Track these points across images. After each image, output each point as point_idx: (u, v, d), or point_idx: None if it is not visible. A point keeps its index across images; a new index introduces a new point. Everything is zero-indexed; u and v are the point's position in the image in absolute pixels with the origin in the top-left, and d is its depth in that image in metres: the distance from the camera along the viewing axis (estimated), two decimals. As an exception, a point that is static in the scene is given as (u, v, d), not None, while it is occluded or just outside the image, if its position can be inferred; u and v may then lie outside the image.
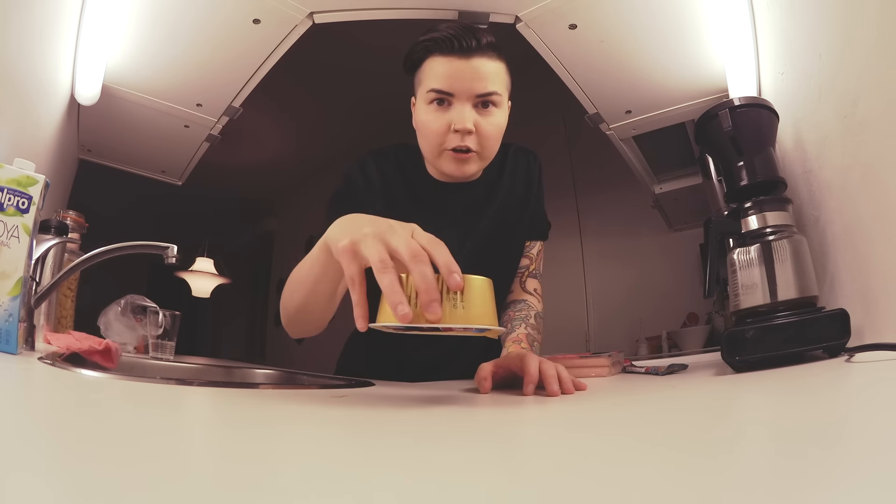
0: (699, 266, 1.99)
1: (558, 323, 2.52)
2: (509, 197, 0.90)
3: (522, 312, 0.87)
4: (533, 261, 0.92)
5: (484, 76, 0.75)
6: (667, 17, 1.10)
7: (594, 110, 1.34)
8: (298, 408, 0.47)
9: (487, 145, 0.79)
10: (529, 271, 0.92)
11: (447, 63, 0.76)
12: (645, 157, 1.56)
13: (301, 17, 1.13)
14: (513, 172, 0.91)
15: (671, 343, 1.83)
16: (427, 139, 0.80)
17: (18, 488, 0.18)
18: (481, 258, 0.84)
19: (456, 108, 0.76)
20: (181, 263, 1.00)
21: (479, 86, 0.75)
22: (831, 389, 0.49)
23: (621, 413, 0.44)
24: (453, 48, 0.75)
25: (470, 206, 0.88)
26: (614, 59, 1.19)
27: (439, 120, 0.77)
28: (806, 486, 0.19)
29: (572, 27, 1.13)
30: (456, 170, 0.79)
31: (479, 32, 0.76)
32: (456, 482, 0.22)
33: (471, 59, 0.75)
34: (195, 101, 1.30)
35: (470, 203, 0.88)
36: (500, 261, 0.90)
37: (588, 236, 2.50)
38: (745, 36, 1.03)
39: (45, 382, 0.50)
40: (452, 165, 0.79)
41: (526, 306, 0.89)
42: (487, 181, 0.89)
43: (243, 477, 0.22)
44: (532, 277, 0.92)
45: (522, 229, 0.92)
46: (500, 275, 0.87)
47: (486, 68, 0.76)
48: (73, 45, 1.09)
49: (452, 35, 0.75)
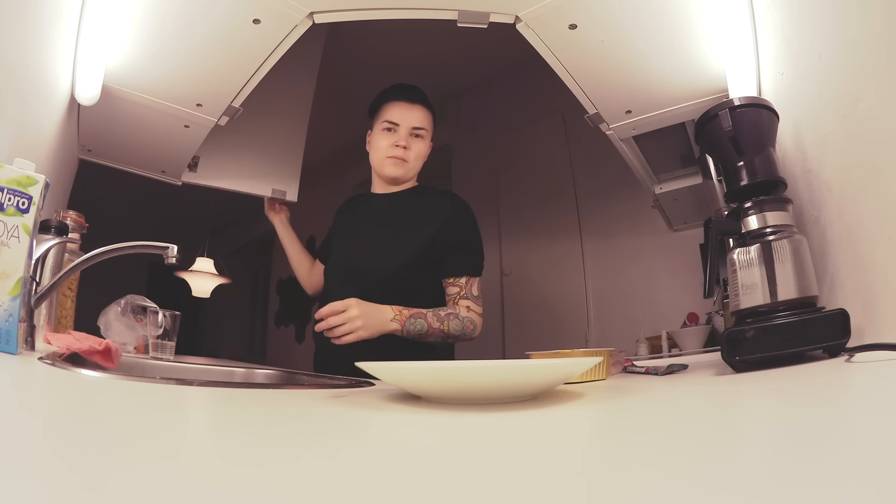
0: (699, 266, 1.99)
1: (558, 323, 2.53)
2: (413, 215, 1.19)
3: (442, 309, 1.13)
4: (462, 288, 1.15)
5: (418, 118, 1.20)
6: (667, 18, 1.10)
7: (594, 110, 1.34)
8: (298, 408, 0.47)
9: (413, 159, 1.21)
10: (460, 295, 1.15)
11: (398, 106, 1.20)
12: (645, 157, 1.56)
13: (301, 17, 1.13)
14: (428, 204, 1.21)
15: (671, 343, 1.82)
16: (378, 152, 1.22)
17: (18, 488, 0.18)
18: (377, 246, 1.17)
19: (398, 132, 1.20)
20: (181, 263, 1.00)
21: (415, 122, 1.20)
22: (831, 389, 0.49)
23: (621, 413, 0.44)
24: (403, 97, 1.21)
25: (382, 209, 1.22)
26: (614, 59, 1.19)
27: (388, 139, 1.20)
28: (806, 486, 0.19)
29: (572, 27, 1.13)
30: (394, 171, 1.20)
31: (419, 91, 1.23)
32: (456, 482, 0.22)
33: (412, 106, 1.20)
34: (195, 101, 1.30)
35: (384, 207, 1.23)
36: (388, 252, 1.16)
37: (588, 236, 2.50)
38: (745, 36, 1.03)
39: (45, 382, 0.50)
40: (392, 168, 1.20)
41: (450, 309, 1.14)
42: (405, 200, 1.23)
43: (243, 477, 0.22)
44: (464, 298, 1.15)
45: (413, 244, 1.15)
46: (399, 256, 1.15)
47: (420, 113, 1.21)
48: (73, 45, 1.09)
49: (403, 89, 1.22)
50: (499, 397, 0.47)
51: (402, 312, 1.07)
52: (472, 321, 1.13)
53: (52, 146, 1.10)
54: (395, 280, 1.13)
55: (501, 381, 0.45)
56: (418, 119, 1.20)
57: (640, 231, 2.27)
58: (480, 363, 0.46)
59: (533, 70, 2.38)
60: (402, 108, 1.20)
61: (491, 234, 2.68)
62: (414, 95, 1.21)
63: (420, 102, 1.21)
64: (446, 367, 0.45)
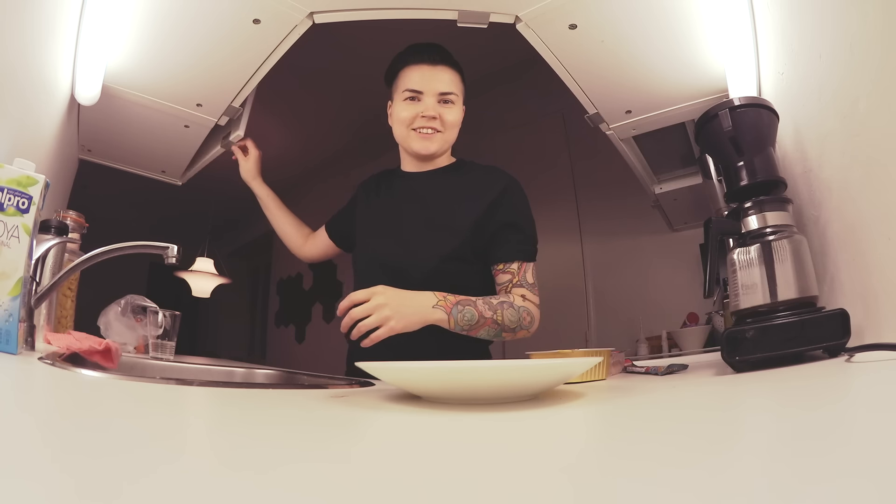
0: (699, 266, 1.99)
1: (558, 323, 2.52)
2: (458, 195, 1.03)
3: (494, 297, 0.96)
4: (515, 274, 0.99)
5: (445, 81, 1.02)
6: (667, 18, 1.10)
7: (594, 110, 1.34)
8: (298, 408, 0.47)
9: (447, 128, 1.03)
10: (513, 283, 0.98)
11: (418, 70, 1.02)
12: (645, 157, 1.56)
13: (301, 17, 1.13)
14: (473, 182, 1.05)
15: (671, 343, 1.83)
16: (401, 125, 1.04)
17: (18, 488, 0.18)
18: (431, 233, 1.01)
19: (424, 101, 1.02)
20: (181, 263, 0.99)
21: (442, 86, 1.02)
22: (831, 389, 0.49)
23: (621, 413, 0.44)
24: (423, 59, 1.02)
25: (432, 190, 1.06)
26: (614, 59, 1.19)
27: (411, 110, 1.02)
28: (806, 486, 0.19)
29: (572, 27, 1.13)
30: (422, 147, 1.03)
31: (442, 49, 1.04)
32: (455, 482, 0.22)
33: (435, 68, 1.02)
34: (195, 101, 1.30)
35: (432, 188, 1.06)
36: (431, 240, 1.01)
37: (588, 236, 2.50)
38: (745, 36, 1.03)
39: (45, 382, 0.50)
40: (419, 143, 1.03)
41: (502, 297, 0.97)
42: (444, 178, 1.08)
43: (243, 477, 0.22)
44: (518, 287, 0.98)
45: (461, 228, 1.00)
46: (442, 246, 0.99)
47: (446, 75, 1.03)
48: (73, 45, 1.09)
49: (422, 49, 1.03)
50: (499, 397, 0.47)
51: (446, 298, 0.89)
52: (528, 311, 0.95)
53: (52, 146, 1.10)
54: (440, 274, 0.96)
55: (501, 381, 0.45)
56: (445, 83, 1.02)
57: (640, 231, 2.27)
58: (480, 363, 0.46)
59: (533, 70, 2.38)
60: (423, 71, 1.01)
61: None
62: (436, 56, 1.02)
63: (445, 63, 1.03)
64: (446, 367, 0.45)
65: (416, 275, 0.97)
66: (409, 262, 0.99)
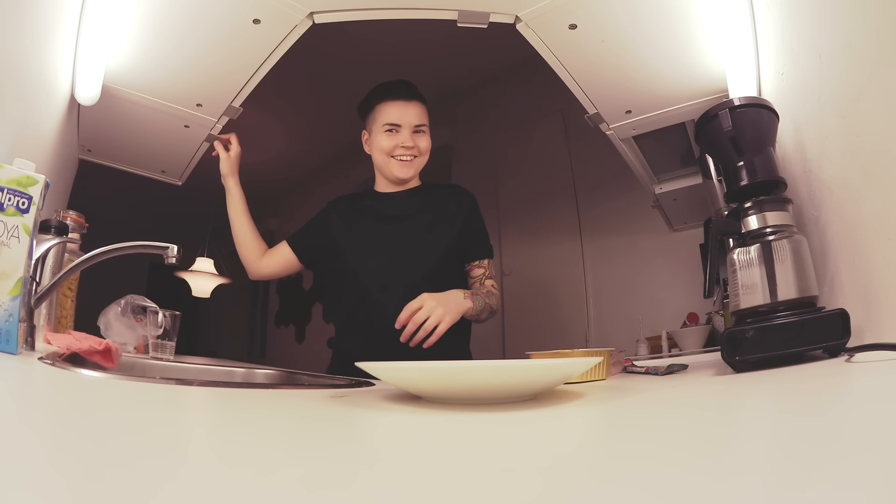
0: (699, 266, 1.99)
1: (558, 323, 2.53)
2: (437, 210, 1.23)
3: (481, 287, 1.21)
4: (487, 269, 1.24)
5: (418, 114, 1.20)
6: (667, 18, 1.10)
7: (594, 110, 1.34)
8: (298, 408, 0.47)
9: (422, 153, 1.23)
10: (485, 276, 1.23)
11: (395, 106, 1.19)
12: (645, 157, 1.56)
13: (301, 17, 1.13)
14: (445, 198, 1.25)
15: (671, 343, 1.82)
16: (381, 153, 1.21)
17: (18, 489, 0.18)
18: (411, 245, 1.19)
19: (402, 133, 1.19)
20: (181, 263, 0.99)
21: (415, 120, 1.20)
22: (831, 389, 0.49)
23: (621, 413, 0.44)
24: (399, 96, 1.19)
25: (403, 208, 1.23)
26: (614, 59, 1.19)
27: (391, 140, 1.20)
28: (806, 486, 0.19)
29: (572, 27, 1.13)
30: (402, 172, 1.21)
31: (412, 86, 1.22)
32: (455, 482, 0.22)
33: (409, 103, 1.20)
34: (195, 101, 1.30)
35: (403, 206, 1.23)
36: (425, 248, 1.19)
37: (588, 236, 2.50)
38: (745, 36, 1.03)
39: (45, 382, 0.50)
40: (400, 169, 1.21)
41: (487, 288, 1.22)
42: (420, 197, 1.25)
43: (243, 477, 0.22)
44: (489, 278, 1.23)
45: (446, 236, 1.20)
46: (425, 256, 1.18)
47: (418, 109, 1.21)
48: (73, 45, 1.09)
49: (397, 87, 1.20)
50: (499, 397, 0.47)
51: (466, 292, 1.11)
52: (498, 298, 1.21)
53: (52, 146, 1.10)
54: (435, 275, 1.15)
55: (501, 381, 0.45)
56: (417, 116, 1.20)
57: (640, 231, 2.27)
58: (480, 363, 0.46)
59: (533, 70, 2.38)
60: (399, 107, 1.19)
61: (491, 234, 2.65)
62: (409, 93, 1.20)
63: (416, 98, 1.21)
64: (446, 367, 0.45)
65: (418, 278, 1.13)
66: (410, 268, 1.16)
